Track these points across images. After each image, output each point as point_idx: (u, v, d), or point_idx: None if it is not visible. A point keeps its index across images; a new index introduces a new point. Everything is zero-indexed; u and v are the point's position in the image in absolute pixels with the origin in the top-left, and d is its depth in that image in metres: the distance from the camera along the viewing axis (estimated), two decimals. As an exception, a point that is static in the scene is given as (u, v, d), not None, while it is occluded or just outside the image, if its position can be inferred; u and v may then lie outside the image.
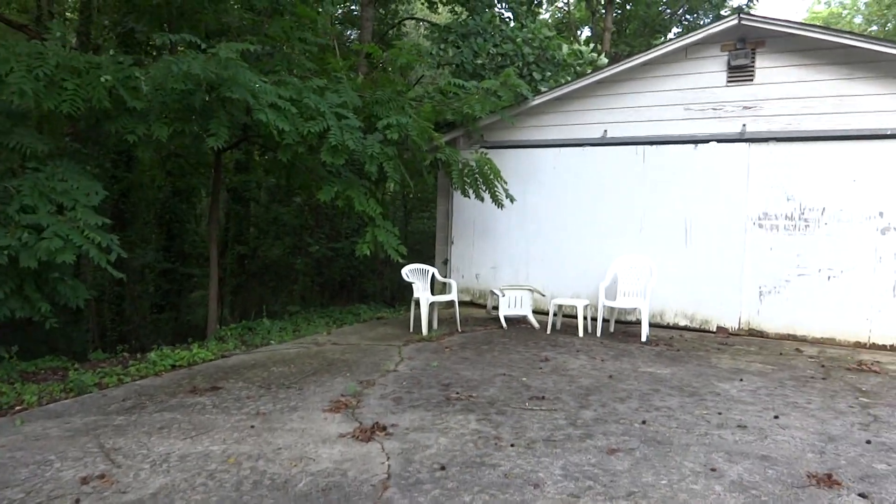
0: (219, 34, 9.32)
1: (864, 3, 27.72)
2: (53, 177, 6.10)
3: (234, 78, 6.43)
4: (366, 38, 12.75)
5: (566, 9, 22.12)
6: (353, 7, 17.73)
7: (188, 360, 6.28)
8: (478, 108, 8.46)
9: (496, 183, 8.25)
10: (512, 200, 8.48)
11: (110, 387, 5.47)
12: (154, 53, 10.82)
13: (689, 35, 8.04)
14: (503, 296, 8.28)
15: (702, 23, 20.32)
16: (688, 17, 23.06)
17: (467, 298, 9.80)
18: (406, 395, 5.12)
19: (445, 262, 10.14)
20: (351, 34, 17.80)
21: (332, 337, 7.73)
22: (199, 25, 9.23)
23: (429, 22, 15.55)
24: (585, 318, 7.96)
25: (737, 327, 7.92)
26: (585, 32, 23.48)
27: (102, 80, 5.94)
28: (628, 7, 20.13)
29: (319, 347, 7.04)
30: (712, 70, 8.04)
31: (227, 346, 6.87)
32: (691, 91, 8.14)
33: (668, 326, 8.31)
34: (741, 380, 5.71)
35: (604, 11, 17.53)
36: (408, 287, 7.99)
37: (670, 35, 20.38)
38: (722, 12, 19.26)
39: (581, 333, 7.78)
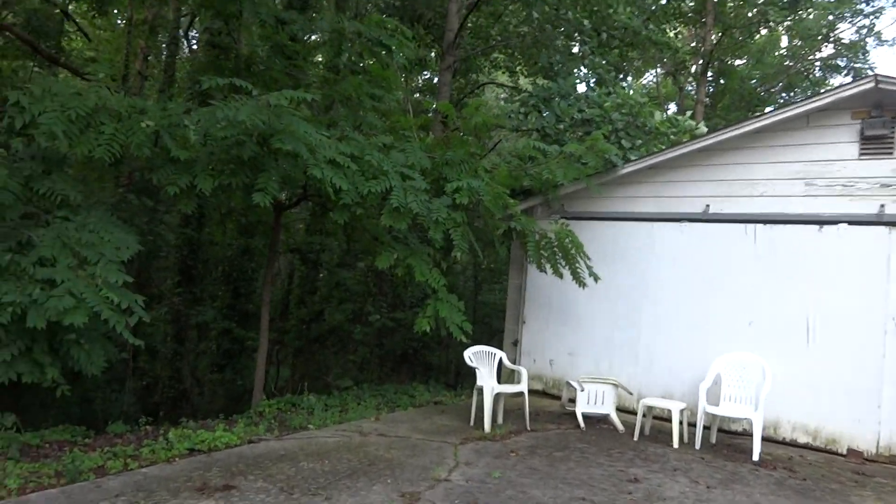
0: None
1: None
2: (84, 227, 5.54)
3: (287, 129, 5.79)
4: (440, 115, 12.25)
5: (654, 83, 21.29)
6: (432, 76, 17.51)
7: (209, 444, 5.40)
8: (560, 173, 7.53)
9: (578, 258, 7.20)
10: (596, 279, 7.37)
11: (111, 473, 4.64)
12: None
13: (813, 99, 6.92)
14: (582, 390, 7.07)
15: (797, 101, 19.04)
16: (783, 95, 21.79)
17: (538, 387, 8.61)
18: (456, 522, 4.02)
19: (515, 343, 9.05)
20: (432, 101, 17.51)
21: (380, 424, 6.71)
22: (272, 85, 8.87)
23: (508, 86, 14.99)
24: (681, 424, 6.63)
25: (874, 452, 6.38)
26: (671, 108, 22.52)
27: (143, 125, 5.40)
28: (721, 81, 19.09)
29: (363, 438, 6.03)
30: (841, 140, 6.83)
31: (257, 430, 5.96)
32: (815, 164, 6.94)
33: (783, 442, 6.84)
34: (904, 536, 4.28)
35: (696, 84, 16.57)
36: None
37: (767, 110, 19.13)
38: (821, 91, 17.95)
39: (676, 443, 6.45)
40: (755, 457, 6.04)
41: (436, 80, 16.79)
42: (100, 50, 15.60)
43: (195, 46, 17.33)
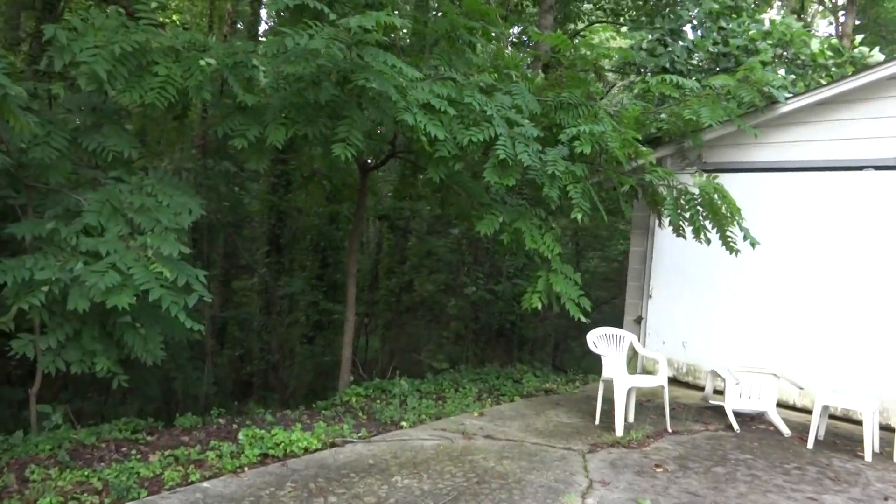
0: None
1: None
2: (141, 190, 4.69)
3: (372, 65, 4.68)
4: (544, 50, 10.82)
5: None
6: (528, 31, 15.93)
7: (285, 448, 4.48)
8: (705, 113, 6.05)
9: (732, 218, 5.75)
10: (753, 245, 5.86)
11: (166, 489, 3.78)
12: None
13: None
14: (737, 382, 5.70)
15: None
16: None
17: (669, 373, 7.26)
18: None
19: (638, 320, 7.71)
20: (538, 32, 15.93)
21: (485, 421, 5.63)
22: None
23: (620, 23, 13.28)
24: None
25: None
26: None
27: (203, 63, 4.43)
28: (867, 13, 16.43)
29: (467, 442, 4.96)
30: None
31: (342, 430, 5.00)
32: None
33: None
34: None
35: (839, 16, 14.23)
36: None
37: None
38: None
39: (868, 455, 5.01)
40: None
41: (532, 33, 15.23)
42: (183, 11, 15.08)
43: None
